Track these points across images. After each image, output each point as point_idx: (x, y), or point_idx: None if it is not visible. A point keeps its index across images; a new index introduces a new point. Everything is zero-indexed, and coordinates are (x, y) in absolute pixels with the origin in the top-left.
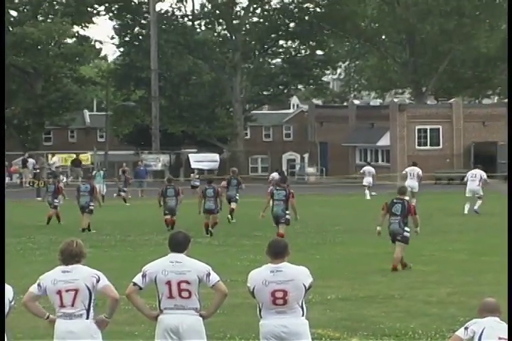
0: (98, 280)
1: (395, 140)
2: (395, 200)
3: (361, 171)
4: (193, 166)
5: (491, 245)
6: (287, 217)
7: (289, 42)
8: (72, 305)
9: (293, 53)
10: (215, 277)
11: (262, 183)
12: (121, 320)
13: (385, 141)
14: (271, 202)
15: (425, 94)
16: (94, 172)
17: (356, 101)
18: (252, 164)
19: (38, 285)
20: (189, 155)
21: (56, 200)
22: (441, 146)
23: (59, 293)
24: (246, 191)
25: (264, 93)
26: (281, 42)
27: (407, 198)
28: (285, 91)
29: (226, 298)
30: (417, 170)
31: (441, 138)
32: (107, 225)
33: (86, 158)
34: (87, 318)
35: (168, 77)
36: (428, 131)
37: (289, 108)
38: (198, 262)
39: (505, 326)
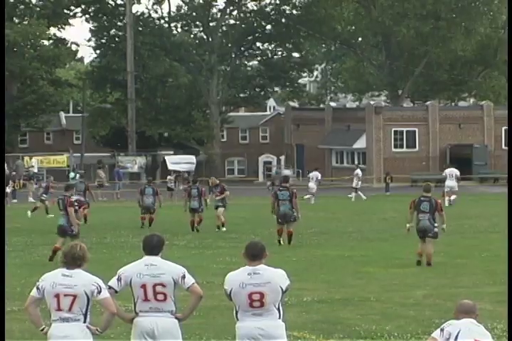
0: (99, 292)
1: (371, 142)
2: (422, 198)
3: (355, 173)
4: (169, 168)
5: (468, 247)
6: (295, 214)
7: (266, 44)
8: (70, 310)
9: (269, 55)
10: (190, 279)
11: (239, 185)
12: (96, 322)
13: (361, 143)
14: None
15: (401, 96)
16: (70, 174)
17: (333, 104)
18: (229, 166)
19: (37, 288)
20: (166, 157)
21: (45, 195)
22: (417, 149)
23: (57, 296)
24: None
25: (241, 95)
26: (257, 44)
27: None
28: (262, 93)
29: (202, 300)
30: (455, 171)
31: (417, 140)
32: (83, 227)
33: (62, 160)
34: (84, 322)
35: (145, 79)
36: (404, 133)
37: (266, 110)
38: (173, 264)
39: (481, 329)
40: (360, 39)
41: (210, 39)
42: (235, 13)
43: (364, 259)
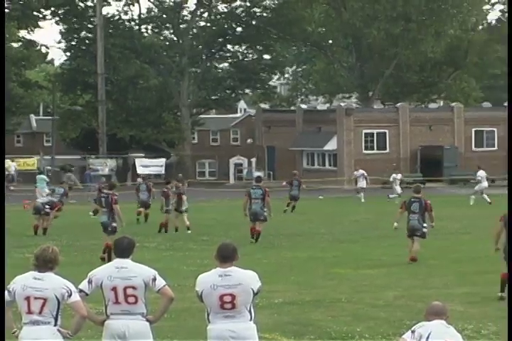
0: (70, 295)
1: (341, 144)
2: (412, 199)
3: (355, 173)
4: (138, 171)
5: (439, 248)
6: (265, 214)
7: (236, 46)
8: (40, 313)
9: (240, 58)
10: (161, 282)
11: (210, 187)
12: (67, 325)
13: (332, 145)
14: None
15: (372, 98)
16: (41, 177)
17: (303, 106)
18: (200, 168)
19: (8, 290)
20: (135, 160)
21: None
22: (387, 150)
23: (27, 299)
24: (193, 195)
25: (212, 97)
26: (228, 46)
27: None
28: (232, 95)
29: (173, 302)
30: (484, 172)
31: (387, 142)
32: (54, 230)
33: (32, 162)
34: (55, 325)
35: (115, 81)
36: (375, 135)
37: (237, 112)
38: (144, 267)
39: (452, 330)
40: (330, 41)
41: (181, 41)
42: (205, 15)
43: (335, 260)
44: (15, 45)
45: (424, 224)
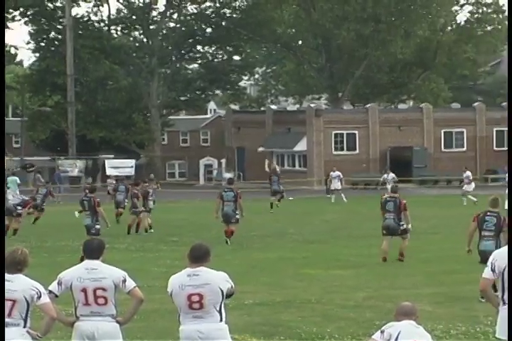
0: (39, 297)
1: (311, 145)
2: (388, 198)
3: (330, 174)
4: (108, 173)
5: (407, 249)
6: (237, 216)
7: (206, 47)
8: (9, 315)
9: (210, 58)
10: (131, 283)
11: (180, 188)
12: (36, 326)
13: (301, 146)
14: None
15: (341, 99)
16: (12, 178)
17: (273, 107)
18: (169, 169)
19: None
20: (105, 161)
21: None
22: (357, 151)
23: None
24: (163, 196)
25: (181, 98)
26: (198, 47)
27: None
28: (202, 96)
29: (142, 303)
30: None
31: (357, 142)
32: (23, 231)
33: None
34: (24, 327)
35: (85, 82)
36: (344, 135)
37: (206, 113)
38: (114, 268)
39: (421, 330)
40: (300, 42)
41: (151, 42)
42: (175, 16)
43: (305, 261)
44: None
45: (401, 223)
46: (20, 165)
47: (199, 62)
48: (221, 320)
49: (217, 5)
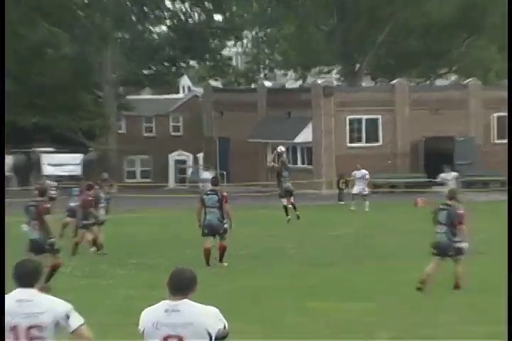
0: None
1: (319, 135)
2: (441, 207)
3: (353, 174)
4: (45, 172)
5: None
6: (225, 226)
7: (178, 3)
8: None
9: (183, 18)
10: (77, 319)
11: (142, 192)
12: None
13: (305, 135)
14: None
15: (359, 73)
16: None
17: (267, 83)
18: (129, 167)
19: None
20: (42, 156)
21: None
22: (380, 143)
23: None
24: (120, 203)
25: (144, 72)
26: (166, 3)
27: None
28: (172, 69)
29: None
30: None
31: (380, 131)
32: None
33: None
34: None
35: (16, 51)
36: (363, 122)
37: (178, 92)
38: (55, 300)
39: None
40: None
41: None
42: None
43: (310, 291)
44: None
45: (456, 238)
46: None
47: (168, 23)
48: None
49: None
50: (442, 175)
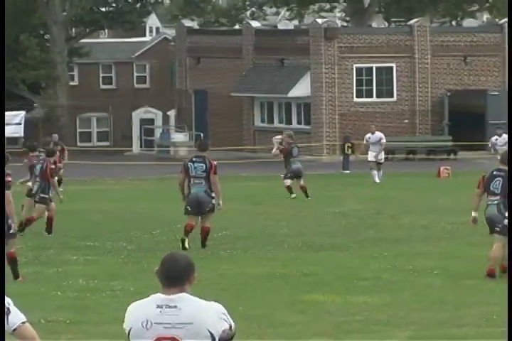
0: None
1: (318, 88)
2: (494, 173)
3: (366, 137)
4: None
5: (480, 259)
6: (213, 201)
7: None
8: None
9: None
10: (18, 317)
11: (100, 159)
12: None
13: (302, 89)
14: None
15: (369, 11)
16: None
17: (255, 23)
18: (82, 128)
19: None
20: None
21: None
22: (394, 98)
23: None
24: (72, 173)
25: (102, 9)
26: None
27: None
28: (136, 5)
29: None
30: None
31: (395, 84)
32: None
33: None
34: None
35: None
36: (374, 72)
37: (144, 35)
38: None
39: None
40: None
41: None
42: None
43: (308, 281)
44: None
45: (506, 213)
46: None
47: None
48: None
49: None
50: (493, 140)
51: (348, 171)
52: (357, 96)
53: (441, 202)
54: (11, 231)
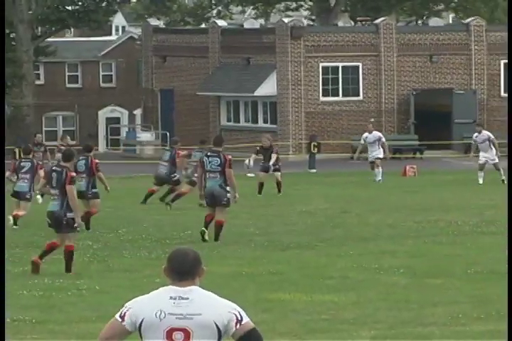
0: None
1: (285, 86)
2: None
3: (363, 137)
4: None
5: (444, 258)
6: (228, 195)
7: None
8: None
9: None
10: None
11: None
12: None
13: (268, 87)
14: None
15: (335, 10)
16: None
17: (221, 23)
18: (48, 126)
19: None
20: None
21: None
22: (361, 97)
23: None
24: None
25: (68, 8)
26: None
27: None
28: (103, 4)
29: None
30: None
31: (361, 83)
32: None
33: None
34: None
35: None
36: (340, 71)
37: (110, 33)
38: None
39: None
40: None
41: None
42: None
43: (274, 279)
44: None
45: None
46: None
47: None
48: None
49: None
50: (474, 137)
51: (314, 170)
52: (323, 95)
53: (408, 200)
54: (75, 225)
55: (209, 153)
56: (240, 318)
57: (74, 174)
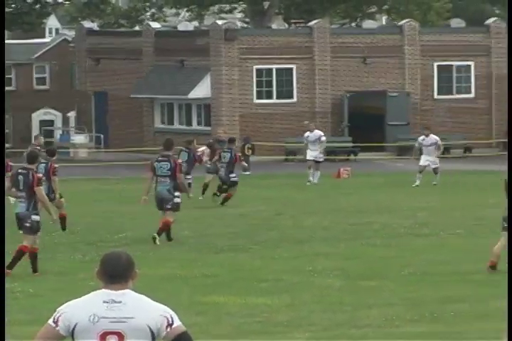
0: None
1: (218, 89)
2: None
3: (305, 137)
4: None
5: (383, 260)
6: (175, 200)
7: None
8: None
9: None
10: None
11: None
12: None
13: (202, 90)
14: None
15: (269, 12)
16: None
17: (155, 25)
18: None
19: None
20: None
21: None
22: (295, 99)
23: None
24: None
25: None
26: None
27: None
28: (36, 7)
29: None
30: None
31: (295, 85)
32: None
33: None
34: None
35: None
36: (274, 73)
37: (44, 35)
38: None
39: None
40: None
41: None
42: None
43: (208, 282)
44: None
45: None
46: None
47: None
48: None
49: None
50: (420, 139)
51: (248, 172)
52: (257, 98)
53: (342, 203)
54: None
55: (159, 158)
56: (171, 322)
57: (40, 175)
